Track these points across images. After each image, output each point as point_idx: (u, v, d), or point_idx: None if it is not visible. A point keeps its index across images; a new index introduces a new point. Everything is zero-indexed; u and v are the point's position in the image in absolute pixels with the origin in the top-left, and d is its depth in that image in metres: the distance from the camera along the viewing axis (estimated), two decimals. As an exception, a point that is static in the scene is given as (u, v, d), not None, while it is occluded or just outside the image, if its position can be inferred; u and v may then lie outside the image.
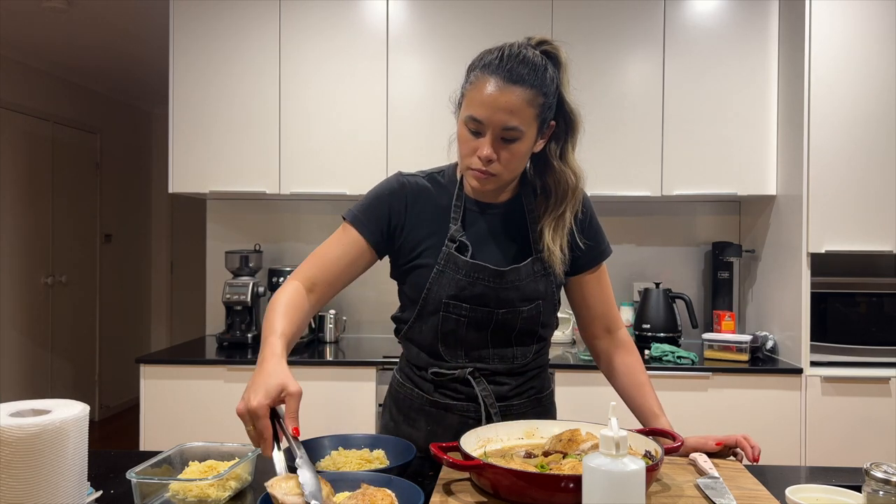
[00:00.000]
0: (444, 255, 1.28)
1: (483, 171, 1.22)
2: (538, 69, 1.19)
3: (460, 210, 1.32)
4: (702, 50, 2.85)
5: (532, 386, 1.39)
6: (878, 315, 2.66)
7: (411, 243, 1.32)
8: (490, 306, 1.29)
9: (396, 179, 1.35)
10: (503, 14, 2.87)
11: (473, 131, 1.21)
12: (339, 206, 3.28)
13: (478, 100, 1.18)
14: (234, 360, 2.68)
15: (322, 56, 2.92)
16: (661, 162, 2.86)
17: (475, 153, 1.21)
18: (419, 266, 1.31)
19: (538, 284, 1.31)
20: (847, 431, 2.54)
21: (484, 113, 1.18)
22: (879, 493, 0.88)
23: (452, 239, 1.29)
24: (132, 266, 5.69)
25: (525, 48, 1.21)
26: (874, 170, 2.55)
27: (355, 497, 0.98)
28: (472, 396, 1.33)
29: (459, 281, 1.28)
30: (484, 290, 1.28)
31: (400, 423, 1.41)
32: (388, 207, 1.31)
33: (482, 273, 1.28)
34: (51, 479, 0.85)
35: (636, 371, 1.39)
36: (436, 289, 1.29)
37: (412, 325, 1.35)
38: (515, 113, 1.17)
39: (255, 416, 1.02)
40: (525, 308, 1.30)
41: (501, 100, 1.16)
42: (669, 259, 3.22)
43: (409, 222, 1.32)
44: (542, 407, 1.41)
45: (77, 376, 4.94)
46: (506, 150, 1.20)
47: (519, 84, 1.16)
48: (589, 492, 0.86)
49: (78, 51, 4.22)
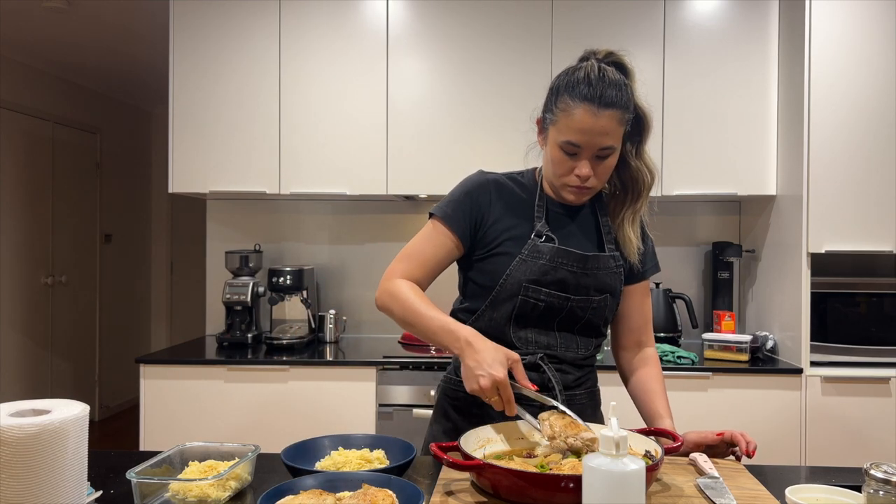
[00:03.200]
0: (530, 246, 1.34)
1: (581, 188, 1.31)
2: (622, 88, 1.27)
3: (543, 209, 1.39)
4: (702, 50, 2.85)
5: (589, 379, 1.45)
6: (878, 315, 2.66)
7: (493, 234, 1.37)
8: (568, 292, 1.35)
9: (481, 175, 1.43)
10: (503, 14, 2.87)
11: (570, 153, 1.29)
12: (339, 206, 3.30)
13: (575, 127, 1.26)
14: (234, 360, 2.68)
15: (322, 56, 2.92)
16: (661, 162, 2.86)
17: (572, 172, 1.30)
18: (499, 254, 1.36)
19: (611, 278, 1.38)
20: (847, 431, 2.54)
21: (582, 139, 1.26)
22: (879, 493, 0.88)
23: (539, 234, 1.35)
24: (132, 266, 5.69)
25: (602, 66, 1.29)
26: (874, 170, 2.55)
27: (356, 497, 0.98)
28: (540, 385, 1.32)
29: (543, 266, 1.33)
30: (566, 275, 1.34)
31: (462, 425, 1.37)
32: (476, 201, 1.38)
33: (566, 258, 1.34)
34: (51, 479, 0.85)
35: (652, 379, 1.43)
36: (516, 274, 1.33)
37: (482, 314, 1.38)
38: (610, 134, 1.26)
39: (502, 386, 1.14)
40: (596, 298, 1.36)
41: (598, 126, 1.24)
42: (669, 259, 3.22)
43: (493, 214, 1.38)
44: (595, 402, 1.46)
45: (77, 376, 4.94)
46: (600, 166, 1.30)
47: (611, 108, 1.25)
48: (589, 492, 0.86)
49: (78, 51, 4.22)
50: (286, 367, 2.64)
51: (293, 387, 2.64)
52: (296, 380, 2.64)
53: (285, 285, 2.97)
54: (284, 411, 2.63)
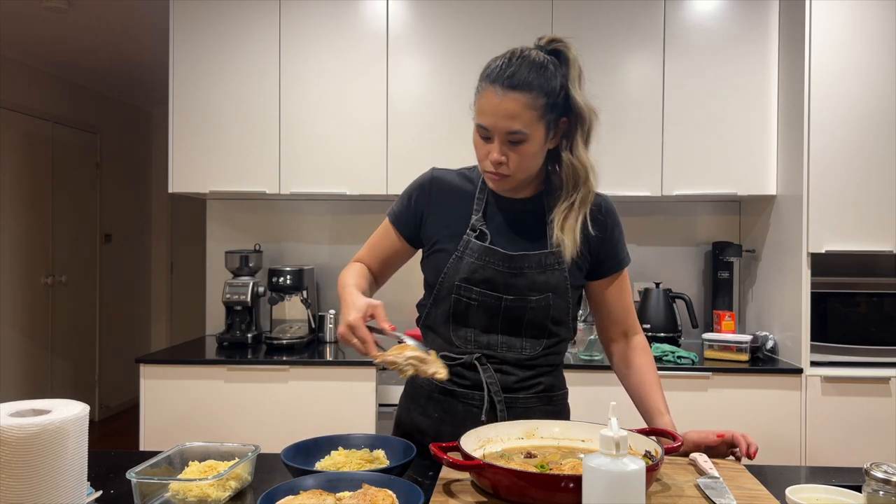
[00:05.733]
0: (464, 242, 1.35)
1: (495, 173, 1.28)
2: (538, 70, 1.23)
3: (482, 203, 1.38)
4: (702, 50, 2.85)
5: (541, 382, 1.40)
6: (878, 315, 2.66)
7: (432, 231, 1.40)
8: (499, 292, 1.33)
9: (427, 173, 1.45)
10: (503, 14, 2.87)
11: (483, 137, 1.28)
12: (339, 206, 3.30)
13: (481, 108, 1.25)
14: (234, 360, 2.68)
15: (322, 56, 2.92)
16: (661, 162, 2.86)
17: (487, 157, 1.28)
18: (439, 251, 1.38)
19: (549, 277, 1.34)
20: (847, 431, 2.54)
21: (488, 121, 1.24)
22: (879, 493, 0.88)
23: (473, 228, 1.36)
24: (132, 266, 5.69)
25: (530, 50, 1.26)
26: (874, 170, 2.55)
27: (356, 497, 0.98)
28: (478, 384, 1.35)
29: (472, 264, 1.33)
30: (493, 274, 1.33)
31: (412, 411, 1.44)
32: (416, 201, 1.42)
33: (492, 257, 1.33)
34: (51, 479, 0.85)
35: (646, 371, 1.41)
36: (451, 273, 1.35)
37: (429, 311, 1.42)
38: (517, 118, 1.22)
39: (355, 328, 1.19)
40: (534, 298, 1.33)
41: (502, 107, 1.22)
42: (669, 259, 3.23)
43: (432, 211, 1.40)
44: (553, 406, 1.42)
45: (77, 376, 4.94)
46: (514, 152, 1.26)
47: (518, 90, 1.21)
48: (589, 492, 0.86)
49: (78, 51, 4.22)
50: (286, 367, 2.64)
51: (293, 387, 2.64)
52: (296, 380, 2.64)
53: (285, 285, 2.97)
54: (284, 411, 2.63)
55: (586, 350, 2.67)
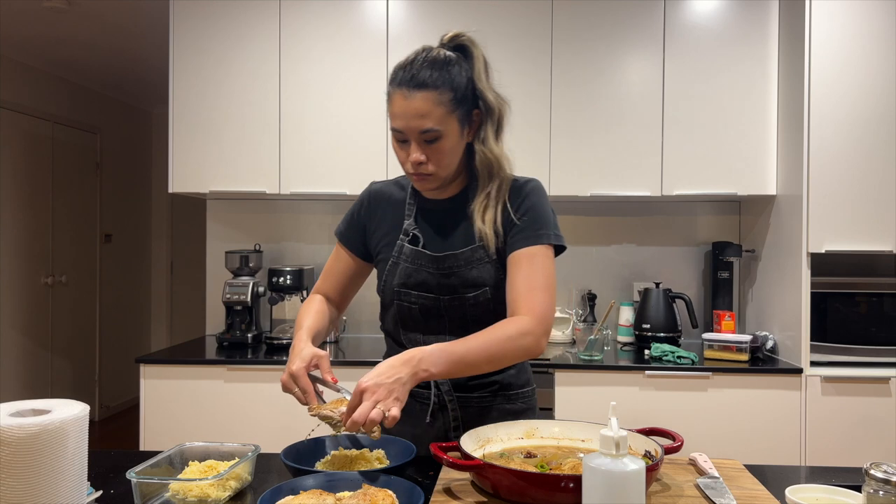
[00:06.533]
0: (398, 248, 1.38)
1: (418, 174, 1.30)
2: (441, 67, 1.25)
3: (414, 207, 1.41)
4: (702, 50, 2.85)
5: (496, 381, 1.40)
6: (878, 315, 2.66)
7: (375, 242, 1.44)
8: (434, 293, 1.35)
9: (365, 189, 1.50)
10: (503, 14, 2.87)
11: (400, 141, 1.29)
12: (339, 206, 3.29)
13: (393, 113, 1.26)
14: (234, 360, 2.68)
15: (322, 56, 2.92)
16: (661, 162, 2.86)
17: (408, 160, 1.29)
18: (381, 260, 1.42)
19: (481, 271, 1.33)
20: (847, 431, 2.54)
21: (400, 123, 1.25)
22: (879, 493, 0.88)
23: (405, 233, 1.38)
24: (132, 266, 5.69)
25: (433, 49, 1.28)
26: (874, 170, 2.55)
27: (356, 497, 0.98)
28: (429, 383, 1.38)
29: (407, 269, 1.36)
30: (426, 276, 1.35)
31: None
32: (358, 216, 1.47)
33: (422, 260, 1.35)
34: (51, 479, 0.85)
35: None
36: (389, 280, 1.38)
37: (382, 317, 1.47)
38: (427, 116, 1.23)
39: (297, 378, 1.19)
40: (470, 295, 1.34)
41: (411, 108, 1.23)
42: (669, 259, 3.23)
43: (372, 224, 1.44)
44: (514, 405, 1.41)
45: (77, 376, 4.94)
46: (432, 151, 1.27)
47: (422, 88, 1.23)
48: (589, 492, 0.86)
49: (78, 50, 4.22)
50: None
51: (293, 387, 2.63)
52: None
53: (285, 285, 2.97)
54: (284, 411, 2.63)
55: (586, 350, 2.67)
